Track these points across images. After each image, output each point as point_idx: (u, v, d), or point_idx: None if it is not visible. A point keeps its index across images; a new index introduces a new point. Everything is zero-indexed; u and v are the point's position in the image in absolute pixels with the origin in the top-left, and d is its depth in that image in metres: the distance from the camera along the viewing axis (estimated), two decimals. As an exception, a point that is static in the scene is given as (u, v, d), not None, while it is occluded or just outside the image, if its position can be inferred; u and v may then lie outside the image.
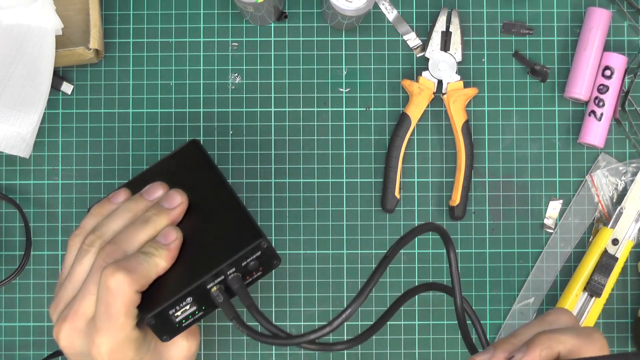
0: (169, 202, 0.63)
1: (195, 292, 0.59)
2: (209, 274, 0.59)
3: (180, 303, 0.59)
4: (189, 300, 0.59)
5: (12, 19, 0.68)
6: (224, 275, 0.60)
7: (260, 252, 0.60)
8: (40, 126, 0.74)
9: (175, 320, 0.60)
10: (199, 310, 0.61)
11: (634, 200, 0.73)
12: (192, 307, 0.60)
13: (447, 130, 0.75)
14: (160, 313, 0.59)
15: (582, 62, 0.73)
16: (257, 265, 0.61)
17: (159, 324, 0.59)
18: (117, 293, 0.57)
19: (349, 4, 0.68)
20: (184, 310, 0.60)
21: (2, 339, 0.74)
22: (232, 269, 0.60)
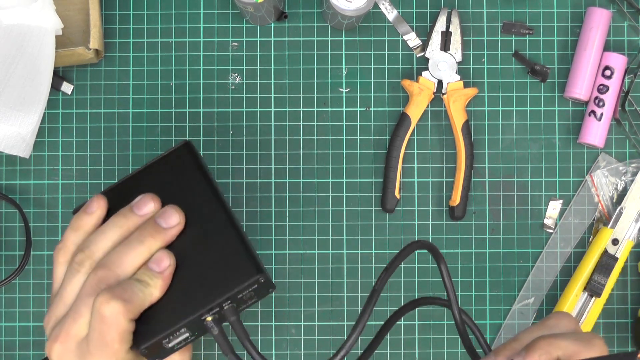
0: (165, 220, 0.61)
1: (189, 324, 0.59)
2: (205, 308, 0.58)
3: (175, 333, 0.59)
4: (183, 330, 0.59)
5: (12, 19, 0.68)
6: (219, 307, 0.59)
7: (257, 285, 0.59)
8: (40, 126, 0.74)
9: (168, 347, 0.60)
10: (192, 336, 0.60)
11: (634, 200, 0.73)
12: (185, 334, 0.60)
13: (447, 130, 0.75)
14: (155, 344, 0.59)
15: (582, 62, 0.73)
16: (252, 295, 0.60)
17: (152, 352, 0.59)
18: (111, 322, 0.56)
19: (349, 4, 0.68)
20: (178, 339, 0.60)
21: (2, 339, 0.74)
22: (227, 302, 0.59)
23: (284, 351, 0.74)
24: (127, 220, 0.61)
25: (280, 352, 0.74)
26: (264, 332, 0.74)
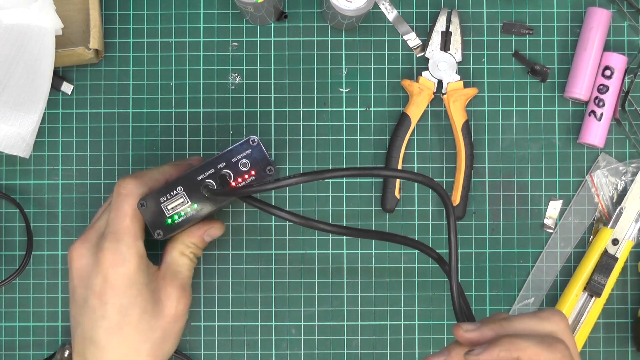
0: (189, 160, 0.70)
1: (185, 181, 0.62)
2: (200, 163, 0.62)
3: (172, 191, 0.63)
4: (180, 190, 0.63)
5: (12, 19, 0.68)
6: (214, 169, 0.62)
7: (250, 150, 0.62)
8: (40, 126, 0.74)
9: (166, 213, 0.63)
10: (190, 208, 0.63)
11: (634, 200, 0.73)
12: (184, 202, 0.63)
13: (447, 130, 0.75)
14: (151, 198, 0.62)
15: (582, 62, 0.73)
16: (248, 166, 0.63)
17: (150, 212, 0.63)
18: (125, 195, 0.63)
19: (349, 4, 0.68)
20: (175, 202, 0.63)
21: (2, 339, 0.74)
22: (222, 164, 0.63)
23: (284, 351, 0.74)
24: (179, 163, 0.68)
25: (280, 352, 0.74)
26: (264, 332, 0.74)
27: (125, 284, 0.62)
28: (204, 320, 0.74)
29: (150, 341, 0.64)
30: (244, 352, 0.74)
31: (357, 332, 0.74)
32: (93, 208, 0.74)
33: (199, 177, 0.63)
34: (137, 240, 0.63)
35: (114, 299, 0.62)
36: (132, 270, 0.62)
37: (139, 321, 0.63)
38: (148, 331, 0.64)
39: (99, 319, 0.63)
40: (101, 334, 0.63)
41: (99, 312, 0.62)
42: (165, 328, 0.65)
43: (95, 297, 0.62)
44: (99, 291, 0.62)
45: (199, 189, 0.63)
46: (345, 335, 0.74)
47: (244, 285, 0.74)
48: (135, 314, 0.63)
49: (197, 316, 0.74)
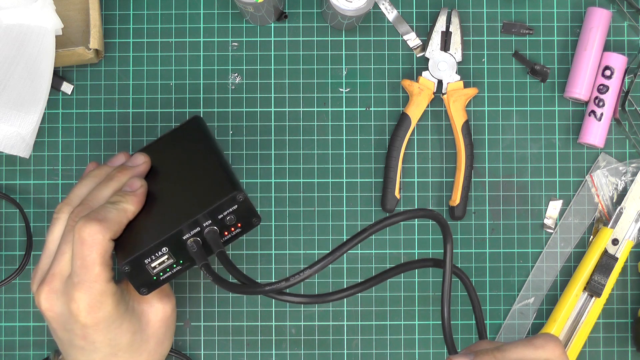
0: (131, 162, 0.66)
1: (170, 242, 0.60)
2: (184, 224, 0.60)
3: (156, 252, 0.60)
4: (165, 251, 0.60)
5: (12, 19, 0.68)
6: (200, 227, 0.60)
7: (236, 206, 0.60)
8: (40, 126, 0.74)
9: (151, 272, 0.61)
10: (176, 264, 0.61)
11: (634, 200, 0.73)
12: (169, 259, 0.61)
13: (447, 130, 0.75)
14: (135, 261, 0.60)
15: (582, 62, 0.73)
16: (234, 221, 0.61)
17: (135, 274, 0.60)
18: (91, 243, 0.59)
19: (349, 4, 0.68)
20: (160, 262, 0.61)
21: (2, 339, 0.74)
22: (208, 221, 0.60)
23: (284, 351, 0.74)
24: (100, 170, 0.66)
25: (280, 352, 0.74)
26: (264, 332, 0.74)
27: (107, 323, 0.61)
28: (204, 320, 0.74)
29: (146, 352, 0.64)
30: (244, 352, 0.74)
31: (357, 332, 0.74)
32: (93, 208, 0.74)
33: (184, 237, 0.60)
34: (109, 282, 0.60)
35: (101, 337, 0.61)
36: (109, 310, 0.60)
37: (130, 343, 0.63)
38: (141, 345, 0.64)
39: (91, 353, 0.62)
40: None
41: (89, 349, 0.61)
42: (156, 334, 0.64)
43: (80, 339, 0.61)
44: (82, 335, 0.61)
45: (184, 248, 0.61)
46: (345, 335, 0.74)
47: (244, 285, 0.74)
48: (125, 339, 0.62)
49: (197, 316, 0.74)
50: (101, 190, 0.63)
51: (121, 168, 0.65)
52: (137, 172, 0.65)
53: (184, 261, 0.61)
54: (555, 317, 0.72)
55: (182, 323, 0.74)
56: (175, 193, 0.63)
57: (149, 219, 0.62)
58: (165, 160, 0.66)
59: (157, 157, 0.67)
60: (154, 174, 0.66)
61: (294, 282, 0.56)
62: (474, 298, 0.64)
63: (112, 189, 0.63)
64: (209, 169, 0.63)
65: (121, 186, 0.64)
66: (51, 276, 0.61)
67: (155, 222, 0.62)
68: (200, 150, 0.65)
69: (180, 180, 0.64)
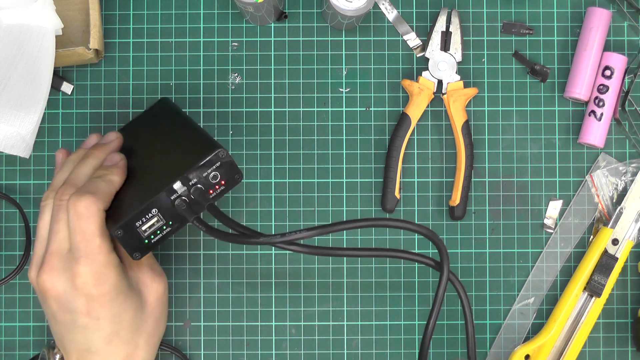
0: (104, 139, 0.68)
1: (158, 202, 0.61)
2: (171, 183, 0.61)
3: (146, 215, 0.61)
4: (154, 212, 0.61)
5: (12, 19, 0.68)
6: (186, 187, 0.62)
7: (219, 163, 0.62)
8: (40, 126, 0.74)
9: (143, 235, 0.62)
10: (166, 226, 0.62)
11: (634, 200, 0.73)
12: (159, 221, 0.62)
13: (447, 130, 0.75)
14: (127, 224, 0.61)
15: (582, 62, 0.73)
16: (218, 178, 0.63)
17: (127, 238, 0.61)
18: (88, 215, 0.60)
19: (349, 4, 0.68)
20: (151, 224, 0.62)
21: (2, 339, 0.74)
22: (194, 180, 0.62)
23: (284, 351, 0.74)
24: (77, 154, 0.67)
25: (280, 352, 0.74)
26: (264, 332, 0.74)
27: (111, 296, 0.62)
28: (204, 320, 0.74)
29: (145, 332, 0.65)
30: (244, 352, 0.74)
31: (357, 332, 0.74)
32: (93, 208, 0.74)
33: (172, 197, 0.62)
34: (111, 253, 0.61)
35: (105, 313, 0.62)
36: (114, 282, 0.61)
37: (132, 321, 0.63)
38: (141, 325, 0.64)
39: (94, 332, 0.62)
40: (99, 344, 0.63)
41: (92, 327, 0.62)
42: (154, 313, 0.66)
43: (83, 316, 0.62)
44: (86, 310, 0.61)
45: (172, 208, 0.62)
46: (345, 335, 0.74)
47: (244, 285, 0.74)
48: (128, 317, 0.63)
49: (197, 316, 0.74)
50: (81, 168, 0.65)
51: (96, 146, 0.67)
52: (112, 148, 0.67)
53: (174, 222, 0.63)
54: (555, 317, 0.72)
55: (182, 323, 0.74)
56: (156, 162, 0.65)
57: (133, 187, 0.64)
58: (140, 139, 0.68)
59: (132, 136, 0.69)
60: (131, 151, 0.68)
61: (290, 239, 0.58)
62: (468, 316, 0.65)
63: (91, 166, 0.65)
64: (186, 137, 0.65)
65: (99, 163, 0.65)
66: (49, 256, 0.62)
67: (141, 188, 0.63)
68: (173, 124, 0.67)
69: (159, 150, 0.66)
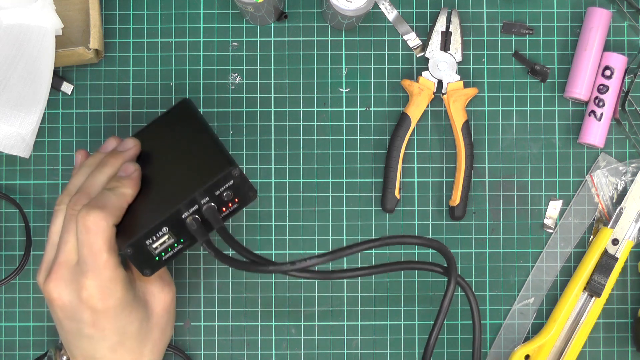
0: (122, 146, 0.67)
1: (170, 221, 0.61)
2: (182, 202, 0.60)
3: (156, 233, 0.61)
4: (165, 230, 0.61)
5: (12, 19, 0.68)
6: (198, 205, 0.61)
7: (232, 181, 0.61)
8: (40, 126, 0.74)
9: (153, 253, 0.61)
10: (177, 243, 0.62)
11: (634, 200, 0.73)
12: (170, 238, 0.61)
13: (447, 130, 0.75)
14: (137, 243, 0.60)
15: (582, 62, 0.73)
16: (231, 196, 0.62)
17: (137, 255, 0.61)
18: (96, 230, 0.60)
19: (349, 4, 0.68)
20: (162, 242, 0.61)
21: (2, 339, 0.74)
22: (205, 198, 0.61)
23: (284, 351, 0.74)
24: (94, 158, 0.66)
25: (280, 352, 0.74)
26: (264, 332, 0.74)
27: (116, 311, 0.61)
28: (204, 320, 0.74)
29: (151, 341, 0.65)
30: (244, 352, 0.74)
31: (357, 332, 0.74)
32: (93, 208, 0.74)
33: (183, 215, 0.61)
34: (118, 268, 0.61)
35: (110, 325, 0.62)
36: (120, 297, 0.61)
37: (137, 331, 0.63)
38: (147, 334, 0.64)
39: (99, 342, 0.62)
40: (104, 353, 0.63)
41: (98, 337, 0.62)
42: (160, 323, 0.65)
43: (89, 327, 0.62)
44: (92, 322, 0.61)
45: (184, 226, 0.61)
46: (345, 335, 0.74)
47: (244, 285, 0.74)
48: (133, 328, 0.63)
49: (197, 316, 0.74)
50: (96, 176, 0.64)
51: (113, 153, 0.66)
52: (129, 156, 0.66)
53: (185, 240, 0.62)
54: (555, 317, 0.72)
55: (182, 323, 0.74)
56: (171, 174, 0.64)
57: (146, 201, 0.63)
58: (157, 144, 0.67)
59: (148, 141, 0.67)
60: (147, 157, 0.67)
61: (299, 267, 0.57)
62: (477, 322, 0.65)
63: (106, 175, 0.64)
64: (201, 148, 0.64)
65: (115, 171, 0.65)
66: (57, 265, 0.61)
67: (153, 203, 0.63)
68: (191, 131, 0.66)
69: (174, 161, 0.65)
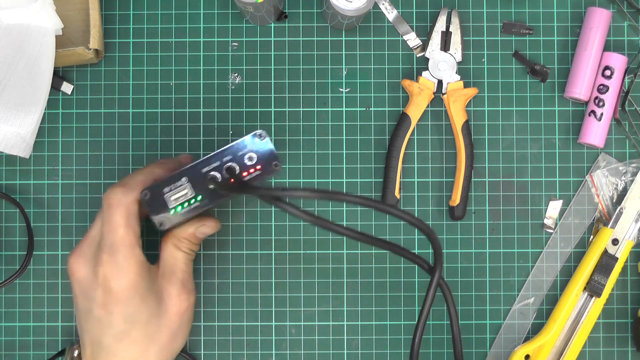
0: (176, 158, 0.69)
1: (190, 172, 0.62)
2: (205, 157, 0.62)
3: (175, 182, 0.62)
4: (184, 181, 0.62)
5: (12, 19, 0.68)
6: (219, 162, 0.62)
7: (257, 144, 0.62)
8: (40, 126, 0.74)
9: (169, 204, 0.62)
10: (194, 200, 0.62)
11: (634, 200, 0.73)
12: (188, 192, 0.62)
13: (447, 130, 0.75)
14: (155, 188, 0.61)
15: (582, 62, 0.73)
16: (255, 160, 0.62)
17: (153, 201, 0.62)
18: (116, 205, 0.61)
19: (349, 4, 0.68)
20: (179, 193, 0.62)
21: (2, 339, 0.74)
22: (228, 156, 0.62)
23: (284, 351, 0.74)
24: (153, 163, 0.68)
25: (280, 352, 0.74)
26: (264, 332, 0.74)
27: (128, 294, 0.62)
28: (204, 320, 0.74)
29: (159, 342, 0.64)
30: (244, 352, 0.74)
31: (357, 332, 0.74)
32: (93, 208, 0.74)
33: (204, 170, 0.62)
34: (134, 248, 0.62)
35: (119, 309, 0.62)
36: (133, 280, 0.62)
37: (145, 325, 0.63)
38: (155, 333, 0.64)
39: (106, 327, 0.63)
40: (109, 341, 0.63)
41: (105, 321, 0.62)
42: (171, 327, 0.65)
43: (99, 308, 0.62)
44: (102, 302, 0.62)
45: (203, 181, 0.62)
46: (345, 335, 0.74)
47: (244, 285, 0.74)
48: (141, 319, 0.63)
49: (197, 316, 0.74)
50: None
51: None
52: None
53: (203, 197, 0.62)
54: (555, 317, 0.72)
55: (182, 323, 0.74)
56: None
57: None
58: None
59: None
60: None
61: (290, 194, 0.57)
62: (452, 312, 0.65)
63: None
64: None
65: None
66: (83, 241, 0.64)
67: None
68: None
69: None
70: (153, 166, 0.65)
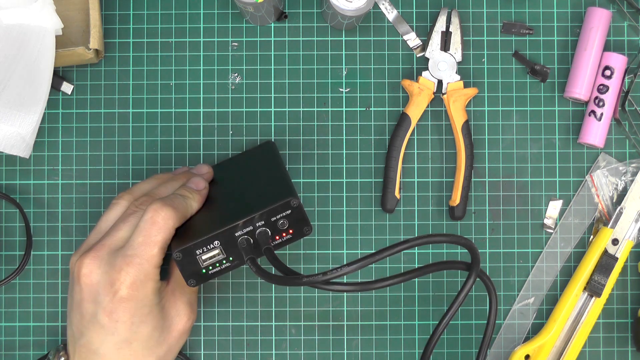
0: (196, 170, 0.71)
1: (223, 236, 0.62)
2: (238, 221, 0.62)
3: (208, 245, 0.63)
4: (217, 245, 0.63)
5: (12, 19, 0.68)
6: (252, 226, 0.63)
7: (290, 211, 0.63)
8: (40, 126, 0.74)
9: (201, 264, 0.63)
10: (226, 261, 0.63)
11: (634, 200, 0.73)
12: (219, 254, 0.63)
13: (447, 130, 0.75)
14: (188, 250, 0.62)
15: (582, 62, 0.73)
16: (286, 226, 0.63)
17: (185, 262, 0.63)
18: (162, 226, 0.62)
19: (349, 4, 0.68)
20: (211, 255, 0.63)
21: (2, 339, 0.74)
22: (261, 222, 0.63)
23: (284, 351, 0.74)
24: (166, 175, 0.70)
25: (280, 352, 0.74)
26: (264, 332, 0.74)
27: (138, 305, 0.62)
28: (204, 320, 0.74)
29: (156, 355, 0.65)
30: (244, 352, 0.74)
31: (357, 332, 0.74)
32: (93, 208, 0.74)
33: (236, 234, 0.63)
34: (157, 268, 0.63)
35: (125, 318, 0.62)
36: (147, 294, 0.62)
37: (148, 337, 0.63)
38: (155, 347, 0.64)
39: (108, 335, 0.62)
40: (109, 348, 0.63)
41: (109, 328, 0.62)
42: (171, 343, 0.65)
43: (105, 314, 0.62)
44: (110, 309, 0.62)
45: (235, 244, 0.63)
46: (345, 335, 0.74)
47: (244, 285, 0.74)
48: (145, 331, 0.63)
49: (197, 316, 0.74)
50: (166, 187, 0.67)
51: (185, 172, 0.70)
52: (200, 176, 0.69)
53: (234, 259, 0.64)
54: (555, 317, 0.72)
55: (182, 323, 0.74)
56: (235, 197, 0.66)
57: (206, 216, 0.66)
58: (230, 175, 0.70)
59: (222, 172, 0.71)
60: (217, 184, 0.69)
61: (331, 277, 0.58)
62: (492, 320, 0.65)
63: (174, 187, 0.67)
64: (270, 180, 0.66)
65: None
66: (101, 245, 0.63)
67: (212, 219, 0.65)
68: (265, 167, 0.68)
69: (241, 188, 0.67)
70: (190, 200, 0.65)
